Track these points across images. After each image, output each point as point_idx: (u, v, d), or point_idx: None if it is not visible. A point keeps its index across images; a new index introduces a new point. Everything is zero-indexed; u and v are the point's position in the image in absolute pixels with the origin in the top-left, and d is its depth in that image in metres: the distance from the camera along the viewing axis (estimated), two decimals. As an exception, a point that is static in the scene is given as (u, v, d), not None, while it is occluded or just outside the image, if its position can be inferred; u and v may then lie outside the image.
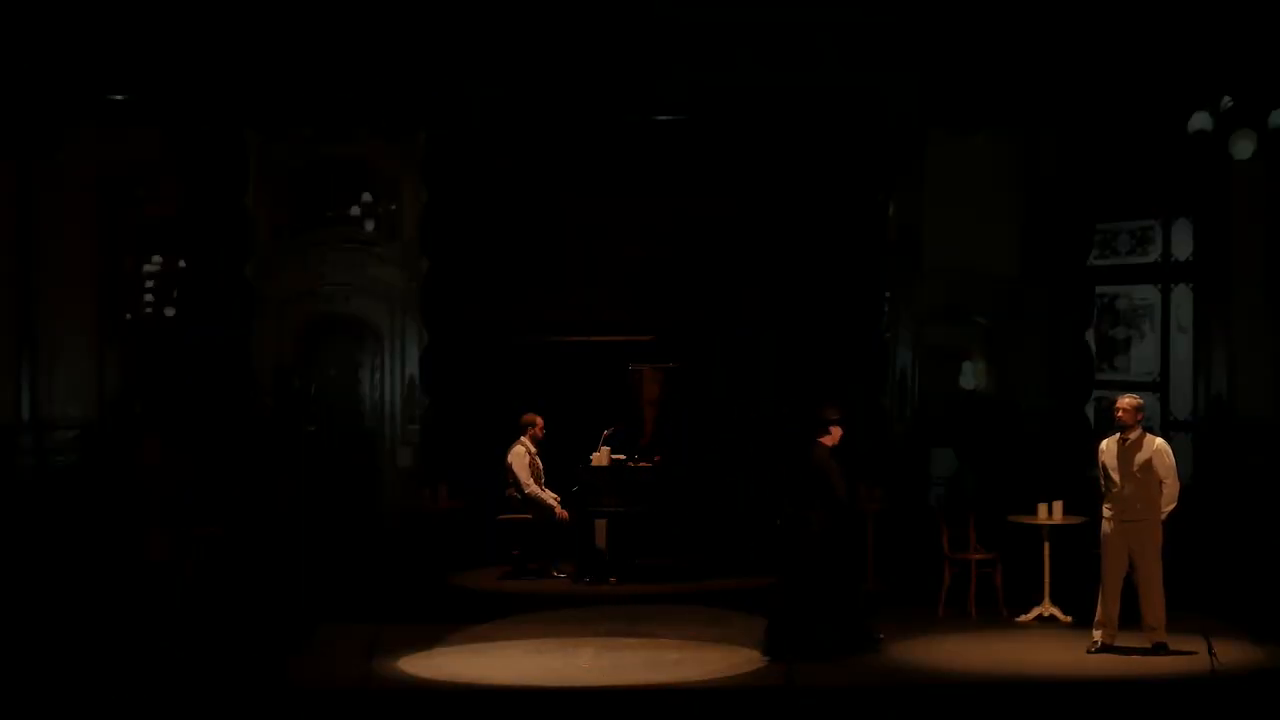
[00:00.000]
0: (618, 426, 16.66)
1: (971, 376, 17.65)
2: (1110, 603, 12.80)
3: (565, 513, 16.47)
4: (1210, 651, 11.68)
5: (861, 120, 17.03)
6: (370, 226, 17.60)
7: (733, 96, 16.42)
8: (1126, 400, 13.04)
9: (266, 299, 17.37)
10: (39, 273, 16.88)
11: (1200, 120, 14.60)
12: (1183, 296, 16.66)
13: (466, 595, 15.73)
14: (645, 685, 12.00)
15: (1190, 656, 12.21)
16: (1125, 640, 12.79)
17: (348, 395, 17.60)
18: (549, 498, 16.54)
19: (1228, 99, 14.50)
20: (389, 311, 17.56)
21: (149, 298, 17.39)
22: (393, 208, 17.61)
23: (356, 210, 17.59)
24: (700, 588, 15.79)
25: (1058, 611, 14.04)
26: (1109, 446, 12.95)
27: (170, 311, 17.40)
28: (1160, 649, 12.65)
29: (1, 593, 14.79)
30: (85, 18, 15.49)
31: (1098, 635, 12.86)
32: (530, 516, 16.51)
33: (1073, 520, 14.06)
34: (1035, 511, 14.20)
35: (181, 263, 17.45)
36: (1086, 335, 17.43)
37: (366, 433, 17.56)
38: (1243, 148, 14.51)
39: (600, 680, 12.14)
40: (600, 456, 16.53)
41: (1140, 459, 12.77)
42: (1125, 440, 12.87)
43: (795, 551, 12.88)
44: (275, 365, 17.27)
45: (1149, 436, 12.98)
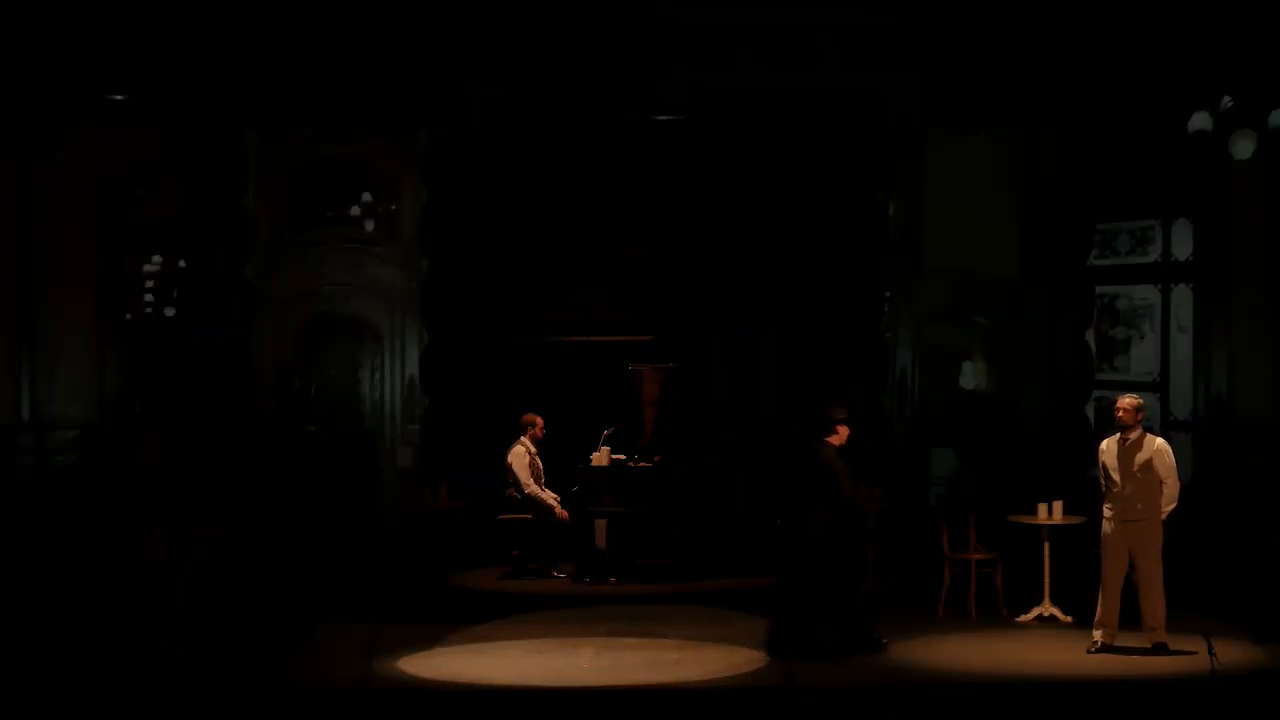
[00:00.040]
0: (618, 426, 16.65)
1: (971, 376, 17.64)
2: (1110, 603, 12.79)
3: (565, 513, 16.47)
4: (1210, 651, 11.67)
5: (861, 120, 17.03)
6: (370, 226, 17.61)
7: (733, 96, 16.42)
8: (1127, 400, 13.03)
9: (266, 299, 17.37)
10: (39, 273, 16.89)
11: (1200, 120, 14.59)
12: (1183, 296, 16.65)
13: (466, 595, 15.73)
14: (645, 685, 11.99)
15: (1190, 656, 12.20)
16: (1125, 640, 12.78)
17: (348, 395, 17.60)
18: (549, 498, 16.53)
19: (1228, 99, 14.49)
20: (389, 311, 17.56)
21: (149, 298, 17.39)
22: (393, 208, 17.61)
23: (356, 210, 17.59)
24: (700, 588, 15.78)
25: (1058, 611, 14.04)
26: (1109, 446, 12.94)
27: (170, 311, 17.40)
28: (1160, 649, 12.65)
29: (1, 593, 14.78)
30: (85, 18, 15.49)
31: (1098, 635, 12.85)
32: (530, 516, 16.50)
33: (1073, 520, 14.06)
34: (1035, 511, 14.19)
35: (181, 263, 17.45)
36: (1086, 335, 17.42)
37: (366, 433, 17.56)
38: (1243, 148, 14.51)
39: (600, 680, 12.14)
40: (600, 456, 16.52)
41: (1141, 459, 12.77)
42: (1125, 440, 12.86)
43: (795, 551, 12.88)
44: (275, 365, 17.27)
45: (1149, 436, 12.98)
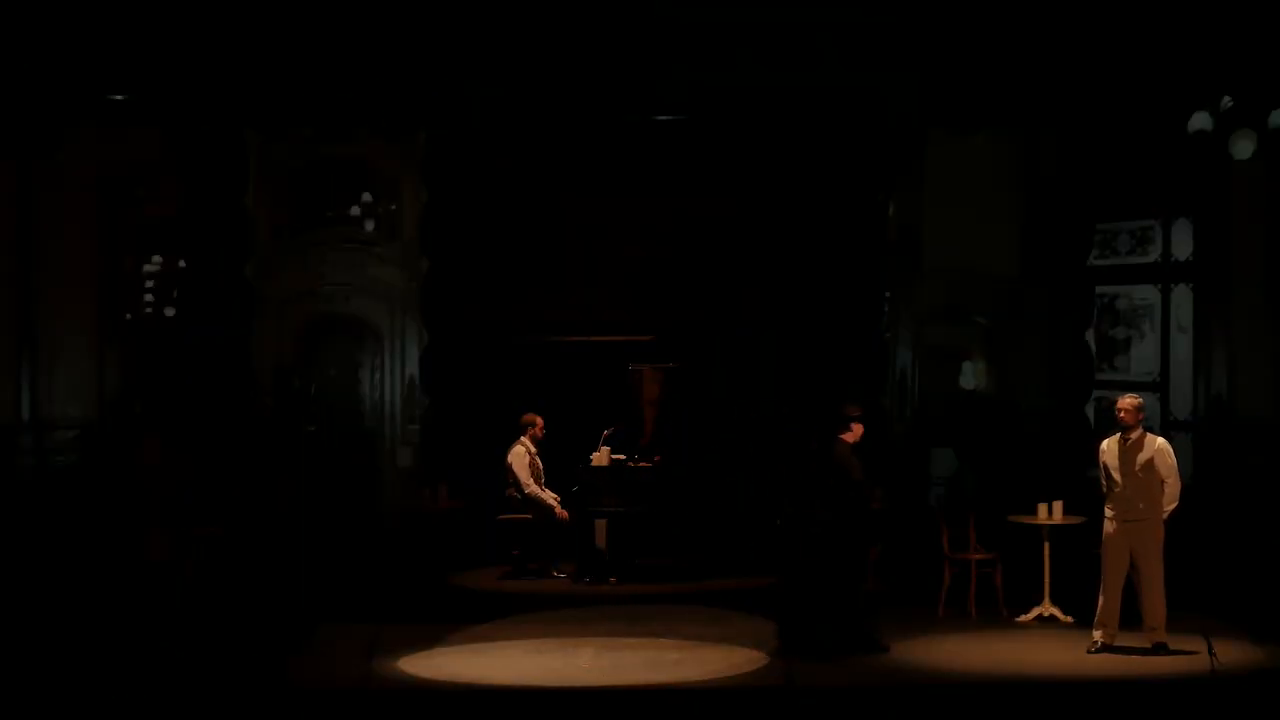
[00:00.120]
0: (618, 426, 16.65)
1: (971, 376, 17.64)
2: (1111, 603, 12.79)
3: (565, 513, 16.47)
4: (1210, 651, 11.68)
5: (861, 120, 17.02)
6: (370, 226, 17.59)
7: (733, 96, 16.41)
8: (1127, 400, 13.03)
9: (266, 299, 17.36)
10: (39, 273, 16.88)
11: (1200, 120, 14.59)
12: (1183, 296, 16.65)
13: (466, 595, 15.73)
14: (645, 685, 11.99)
15: (1190, 656, 12.21)
16: (1125, 640, 12.79)
17: (348, 395, 17.59)
18: (549, 498, 16.53)
19: (1228, 99, 14.49)
20: (389, 311, 17.56)
21: (149, 298, 17.38)
22: (393, 208, 17.60)
23: (356, 210, 17.58)
24: (700, 588, 15.79)
25: (1058, 611, 14.04)
26: (1110, 446, 12.95)
27: (170, 311, 17.39)
28: (1160, 649, 12.65)
29: (2, 593, 14.78)
30: (85, 18, 15.49)
31: (1098, 635, 12.85)
32: (530, 516, 16.50)
33: (1073, 520, 14.06)
34: (1035, 511, 14.20)
35: (181, 263, 17.44)
36: (1086, 335, 17.42)
37: (366, 433, 17.55)
38: (1243, 148, 14.50)
39: (600, 680, 12.14)
40: (600, 456, 16.53)
41: (1142, 459, 12.77)
42: (1126, 440, 12.86)
43: (796, 551, 12.88)
44: (275, 365, 17.26)
45: (1150, 436, 12.98)
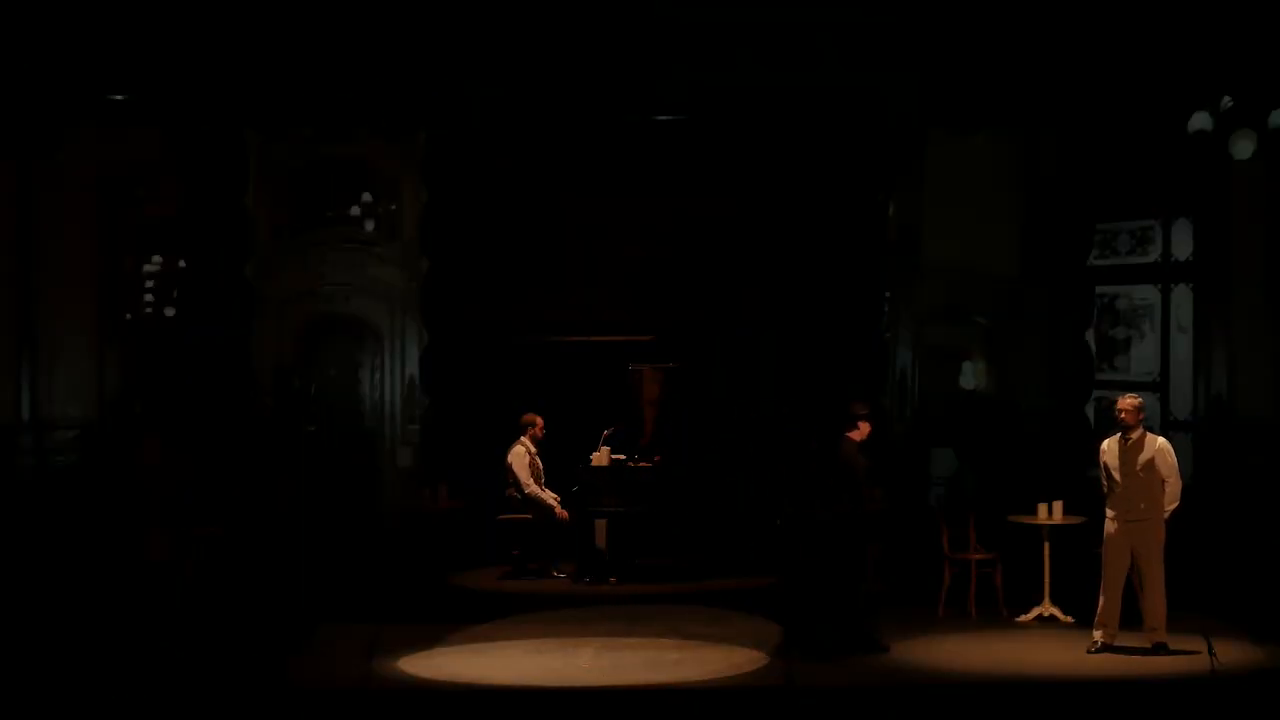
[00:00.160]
0: (618, 426, 16.65)
1: (971, 376, 17.63)
2: (1111, 603, 12.79)
3: (565, 513, 16.47)
4: (1210, 651, 11.68)
5: (861, 120, 17.01)
6: (370, 226, 17.60)
7: (733, 96, 16.40)
8: (1128, 401, 13.03)
9: (266, 299, 17.37)
10: (39, 273, 16.88)
11: (1200, 120, 14.58)
12: (1183, 296, 16.64)
13: (466, 595, 15.73)
14: (645, 685, 11.99)
15: (1190, 656, 12.21)
16: (1125, 640, 12.79)
17: (348, 395, 17.59)
18: (549, 498, 16.53)
19: (1228, 99, 14.49)
20: (389, 311, 17.56)
21: (149, 298, 17.38)
22: (393, 208, 17.60)
23: (356, 210, 17.58)
24: (700, 588, 15.78)
25: (1058, 611, 14.04)
26: (1110, 447, 12.95)
27: (170, 311, 17.39)
28: (1160, 649, 12.65)
29: (2, 593, 14.78)
30: (85, 18, 15.48)
31: (1098, 635, 12.85)
32: (530, 516, 16.50)
33: (1073, 520, 14.06)
34: (1035, 511, 14.20)
35: (181, 263, 17.44)
36: (1086, 335, 17.41)
37: (366, 433, 17.55)
38: (1243, 148, 14.50)
39: (600, 680, 12.14)
40: (600, 456, 16.52)
41: (1143, 459, 12.77)
42: (1127, 440, 12.86)
43: (797, 551, 12.88)
44: (275, 365, 17.26)
45: (1150, 436, 12.98)
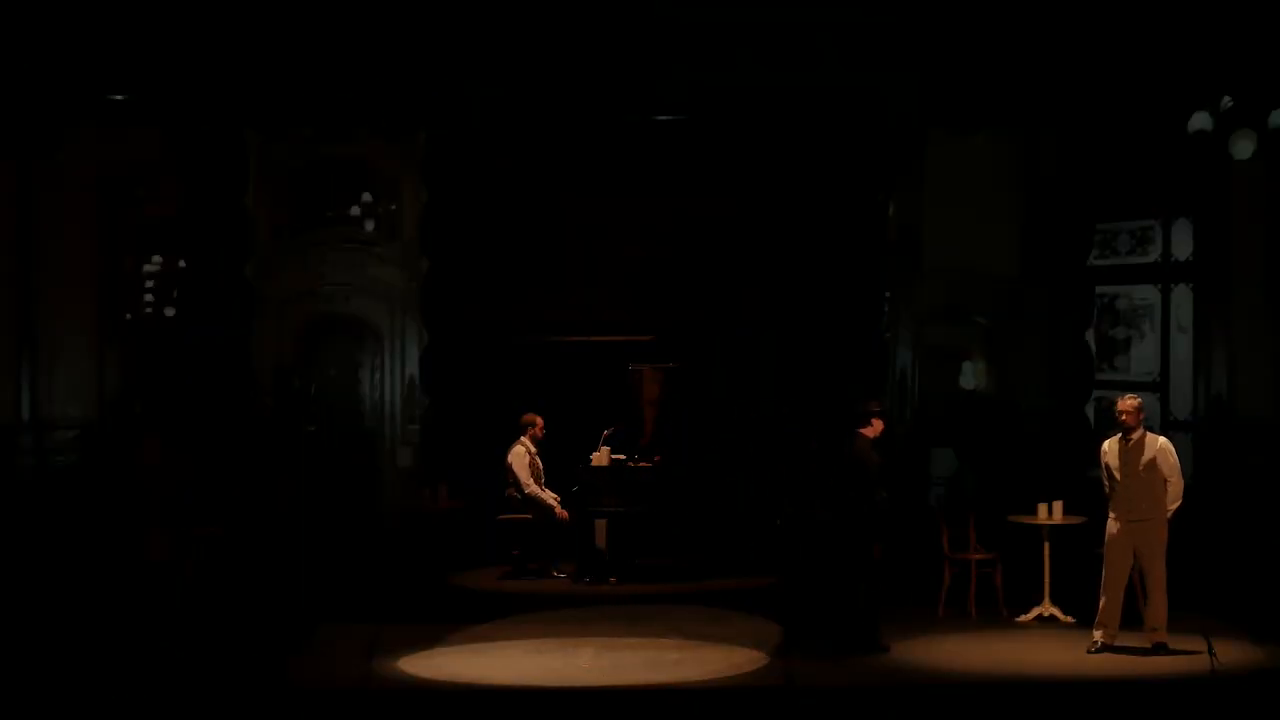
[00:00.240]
0: (618, 426, 16.65)
1: (971, 376, 17.63)
2: (1112, 603, 12.79)
3: (565, 513, 16.46)
4: (1210, 651, 11.68)
5: (861, 120, 17.02)
6: (370, 226, 17.60)
7: (733, 96, 16.40)
8: (1128, 401, 13.02)
9: (266, 299, 17.37)
10: (39, 273, 16.88)
11: (1200, 120, 14.58)
12: (1183, 296, 16.64)
13: (466, 595, 15.73)
14: (645, 685, 11.99)
15: (1190, 656, 12.21)
16: (1125, 640, 12.79)
17: (348, 395, 17.59)
18: (549, 498, 16.53)
19: (1228, 99, 14.49)
20: (389, 311, 17.56)
21: (149, 298, 17.38)
22: (393, 208, 17.60)
23: (356, 210, 17.58)
24: (700, 588, 15.77)
25: (1058, 611, 14.03)
26: (1111, 447, 12.95)
27: (170, 311, 17.39)
28: (1160, 649, 12.65)
29: (2, 593, 14.78)
30: (85, 18, 15.48)
31: (1098, 635, 12.85)
32: (530, 516, 16.50)
33: (1073, 520, 14.06)
34: (1035, 511, 14.20)
35: (181, 263, 17.45)
36: (1086, 335, 17.41)
37: (366, 433, 17.55)
38: (1243, 148, 14.50)
39: (600, 680, 12.14)
40: (600, 456, 16.52)
41: (1144, 459, 12.77)
42: (1128, 441, 12.86)
43: (797, 550, 12.89)
44: (275, 365, 17.26)
45: (1151, 435, 12.98)
